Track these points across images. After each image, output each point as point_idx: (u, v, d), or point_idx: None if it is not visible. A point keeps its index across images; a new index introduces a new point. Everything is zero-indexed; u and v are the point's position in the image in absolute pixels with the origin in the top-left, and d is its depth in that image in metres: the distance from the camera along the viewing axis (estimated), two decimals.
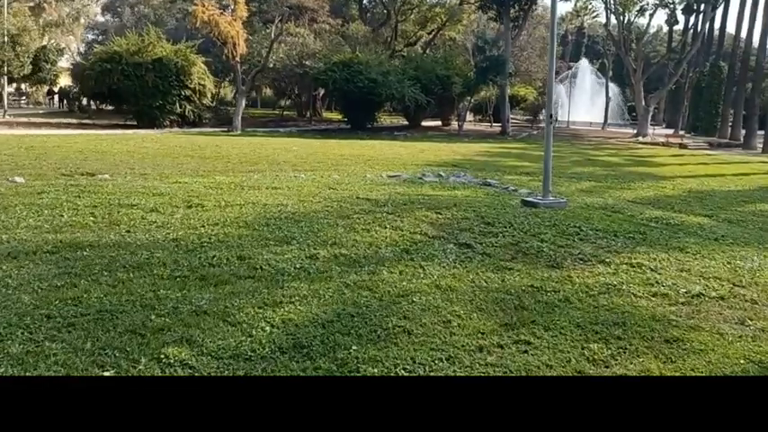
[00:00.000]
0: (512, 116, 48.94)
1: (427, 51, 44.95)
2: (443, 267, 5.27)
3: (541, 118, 46.47)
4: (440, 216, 7.38)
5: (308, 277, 4.79)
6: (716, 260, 6.06)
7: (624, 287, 4.91)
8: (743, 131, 37.25)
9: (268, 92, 52.75)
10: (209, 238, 5.80)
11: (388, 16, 44.96)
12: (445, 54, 40.11)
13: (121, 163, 12.98)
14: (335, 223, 6.72)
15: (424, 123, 39.33)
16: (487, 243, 6.18)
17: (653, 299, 4.70)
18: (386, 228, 6.61)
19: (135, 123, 27.96)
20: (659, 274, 5.42)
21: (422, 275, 4.98)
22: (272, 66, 33.09)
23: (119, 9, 59.79)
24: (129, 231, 5.98)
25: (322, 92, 39.99)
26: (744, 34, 40.50)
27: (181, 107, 28.34)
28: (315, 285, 4.56)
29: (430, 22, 47.23)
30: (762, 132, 33.97)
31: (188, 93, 28.37)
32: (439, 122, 40.37)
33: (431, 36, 47.28)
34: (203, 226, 6.31)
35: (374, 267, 5.16)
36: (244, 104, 29.96)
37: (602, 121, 47.20)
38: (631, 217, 8.63)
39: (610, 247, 6.30)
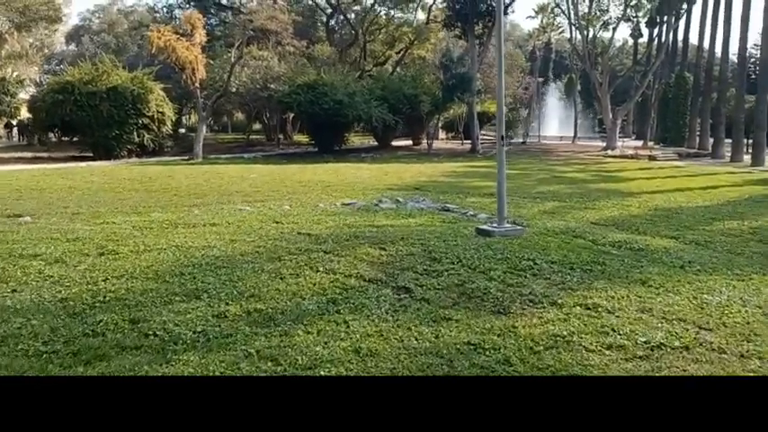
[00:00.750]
0: (483, 133, 48.84)
1: (397, 70, 44.72)
2: (371, 322, 4.58)
3: (510, 133, 46.54)
4: (383, 253, 6.71)
5: (205, 346, 4.06)
6: (681, 295, 5.47)
7: (575, 338, 4.26)
8: (711, 141, 37.38)
9: (240, 116, 52.04)
10: (105, 296, 5.04)
11: (356, 36, 44.70)
12: (413, 73, 39.82)
13: (57, 201, 12.14)
14: (261, 268, 6.01)
15: (395, 143, 38.88)
16: (429, 285, 5.51)
17: (607, 353, 4.06)
18: (318, 271, 5.91)
19: (92, 155, 26.98)
20: (617, 317, 4.79)
21: (342, 335, 4.28)
22: (234, 90, 32.39)
23: (82, 38, 58.88)
24: (15, 291, 5.20)
25: (292, 115, 39.40)
26: (707, 44, 40.88)
27: (139, 136, 27.45)
28: (208, 358, 3.84)
29: (398, 41, 47.17)
30: (729, 141, 34.09)
31: (146, 121, 27.51)
32: (410, 142, 39.94)
33: (400, 55, 47.13)
34: (106, 279, 5.55)
35: (290, 326, 4.45)
36: (205, 131, 29.17)
37: (573, 135, 47.30)
38: (593, 243, 8.05)
39: (564, 284, 5.68)
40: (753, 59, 50.47)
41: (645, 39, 49.41)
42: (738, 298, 5.43)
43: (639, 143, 42.79)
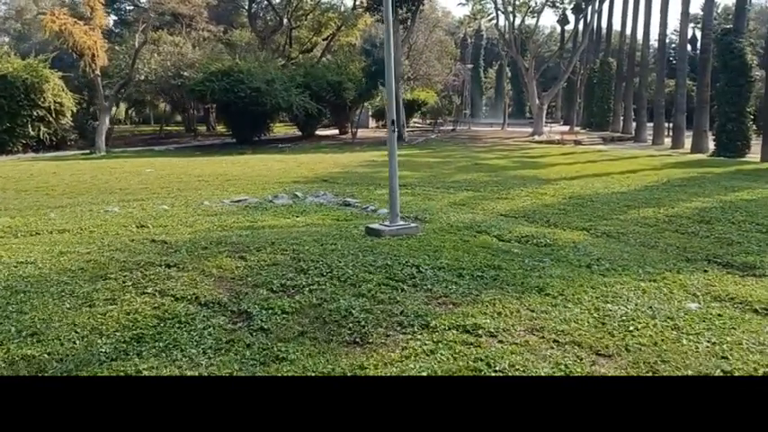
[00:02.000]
0: (415, 120, 48.07)
1: (327, 57, 43.16)
2: (175, 369, 3.44)
3: (440, 121, 46.06)
4: (241, 264, 5.56)
5: None
6: (581, 305, 4.58)
7: None
8: (634, 125, 37.98)
9: (164, 107, 49.30)
10: None
11: (281, 23, 42.86)
12: (337, 59, 38.43)
13: None
14: (73, 291, 4.75)
15: (321, 132, 37.70)
16: (278, 308, 4.41)
17: None
18: (144, 293, 4.71)
19: None
20: (499, 342, 3.84)
21: None
22: (143, 78, 30.24)
23: None
24: None
25: (216, 105, 37.34)
26: (629, 31, 41.41)
27: (34, 129, 25.07)
28: None
29: (324, 27, 45.54)
30: (651, 124, 34.61)
31: (41, 113, 25.16)
32: (336, 131, 38.72)
33: (327, 42, 45.60)
34: None
35: None
36: (108, 122, 26.98)
37: (502, 121, 47.32)
38: (497, 238, 7.16)
39: (446, 297, 4.70)
40: (672, 45, 51.79)
41: (572, 25, 49.86)
42: (647, 307, 4.59)
43: (567, 128, 43.16)
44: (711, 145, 24.97)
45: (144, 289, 4.79)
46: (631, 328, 4.10)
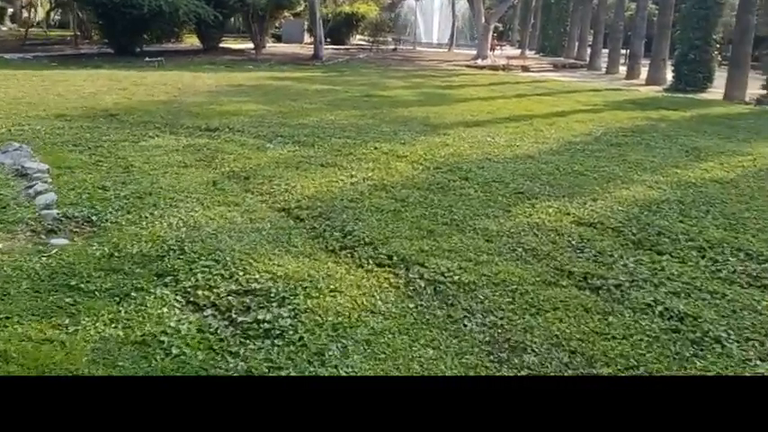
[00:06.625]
0: (361, 38, 42.63)
1: None
2: None
3: (382, 39, 40.68)
4: None
5: None
6: None
7: None
8: (589, 50, 33.87)
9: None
10: None
11: None
12: None
13: None
14: None
15: (232, 46, 32.52)
16: None
17: None
18: None
19: None
20: None
21: None
22: None
23: None
24: None
25: None
26: None
27: None
28: None
29: None
30: (606, 51, 30.60)
31: None
32: (250, 45, 33.31)
33: None
34: None
35: None
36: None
37: (449, 42, 42.40)
38: (184, 296, 3.05)
39: None
40: None
41: None
42: None
43: (519, 52, 38.81)
44: (670, 76, 21.14)
45: None
46: None
